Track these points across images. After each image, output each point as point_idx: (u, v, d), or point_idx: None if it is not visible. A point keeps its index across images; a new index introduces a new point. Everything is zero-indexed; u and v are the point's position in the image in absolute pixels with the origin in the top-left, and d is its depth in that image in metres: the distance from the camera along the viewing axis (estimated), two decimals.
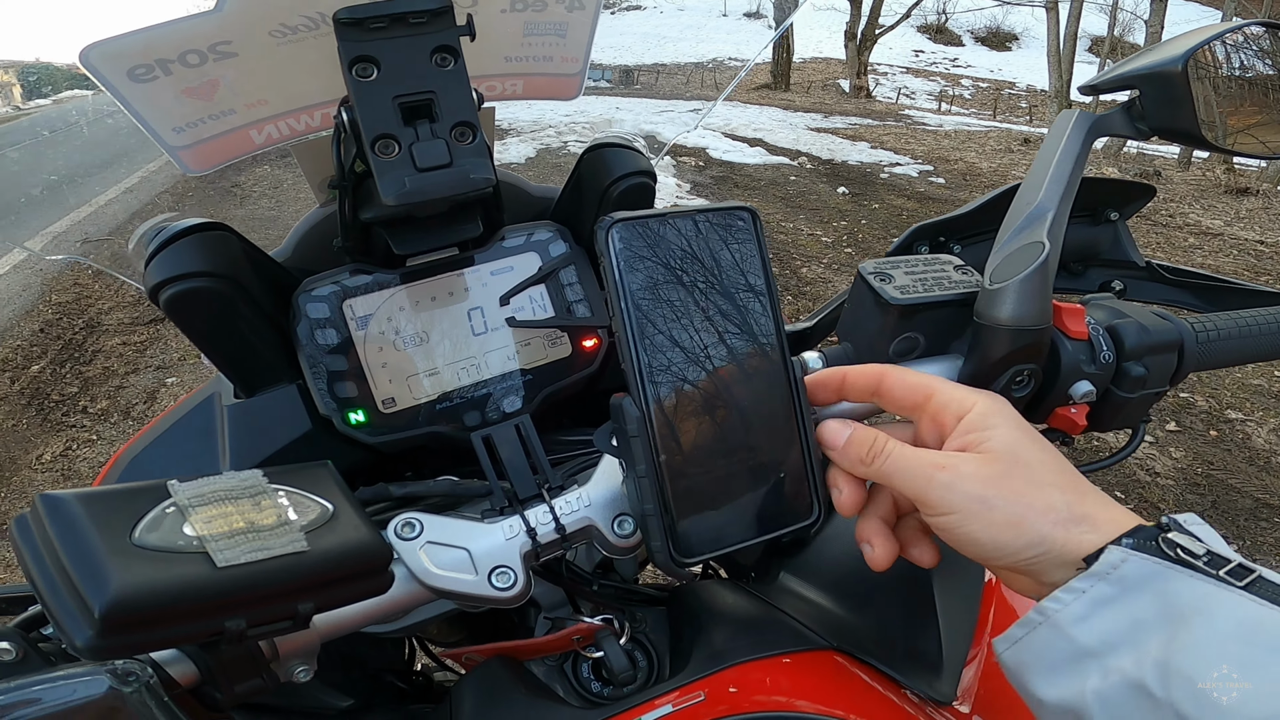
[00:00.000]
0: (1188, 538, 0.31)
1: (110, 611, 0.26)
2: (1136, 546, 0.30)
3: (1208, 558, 0.30)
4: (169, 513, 0.30)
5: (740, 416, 0.37)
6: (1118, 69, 0.50)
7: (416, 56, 0.43)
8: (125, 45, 0.44)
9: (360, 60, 0.43)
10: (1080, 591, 0.31)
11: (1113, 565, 0.30)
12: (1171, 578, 0.29)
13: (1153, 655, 0.28)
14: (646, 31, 28.12)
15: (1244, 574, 0.29)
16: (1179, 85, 0.46)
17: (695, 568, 0.79)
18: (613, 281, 0.36)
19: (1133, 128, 0.49)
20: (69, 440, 2.76)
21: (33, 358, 3.42)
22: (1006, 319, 0.41)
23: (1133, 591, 0.30)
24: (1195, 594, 0.29)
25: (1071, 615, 0.31)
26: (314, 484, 0.36)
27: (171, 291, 0.46)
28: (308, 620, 0.32)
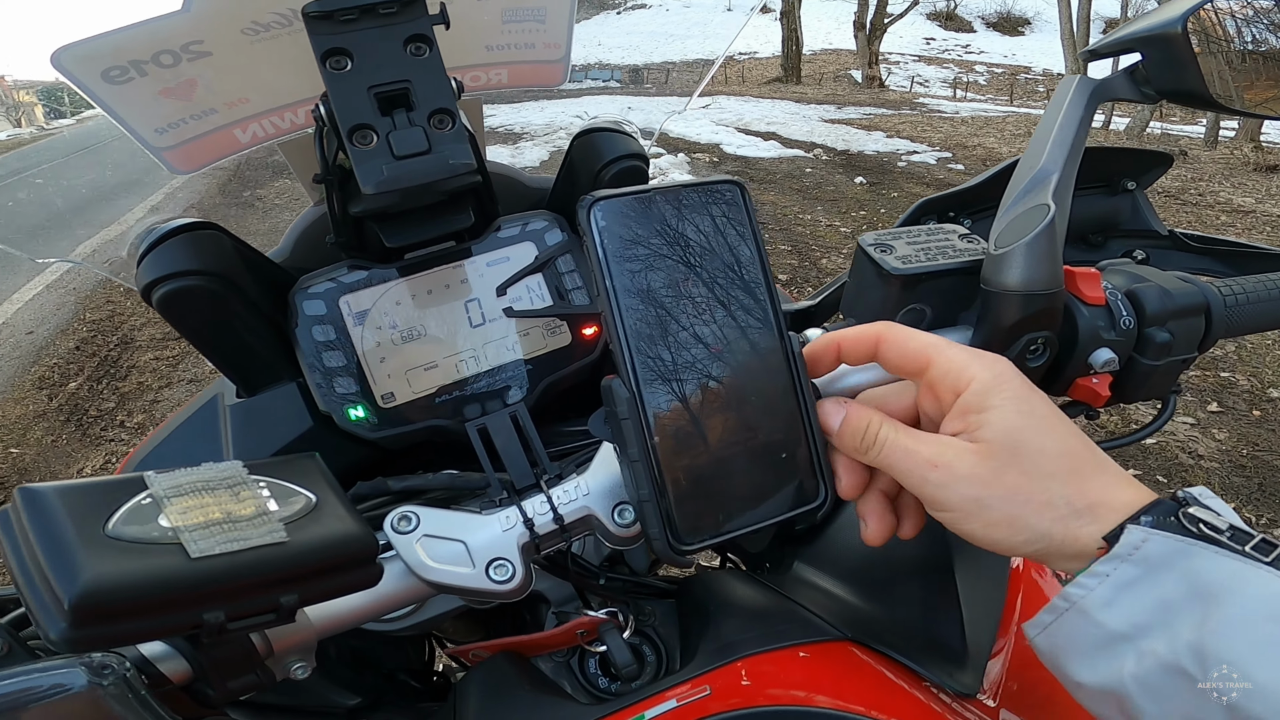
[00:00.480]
0: (1208, 512, 0.30)
1: (80, 602, 0.25)
2: (1157, 524, 0.29)
3: (1230, 533, 0.29)
4: (145, 504, 0.30)
5: (737, 395, 0.36)
6: (1117, 33, 0.48)
7: (390, 46, 0.43)
8: (96, 47, 0.44)
9: (333, 53, 0.42)
10: (1104, 575, 0.29)
11: (1134, 545, 0.29)
12: (1196, 555, 0.28)
13: (1185, 637, 0.27)
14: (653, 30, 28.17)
15: (1269, 549, 0.28)
16: (1180, 46, 0.44)
17: (703, 557, 0.77)
18: (596, 261, 0.35)
19: (1137, 91, 0.47)
20: (108, 454, 2.83)
21: (70, 375, 3.52)
22: (1015, 284, 0.39)
23: (1157, 571, 0.29)
24: (1222, 571, 0.28)
25: (1098, 600, 0.29)
26: (298, 475, 0.35)
27: (163, 290, 0.46)
28: (292, 613, 0.31)
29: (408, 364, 0.53)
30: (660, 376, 0.36)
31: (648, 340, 0.35)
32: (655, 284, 0.36)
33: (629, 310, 0.35)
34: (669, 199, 0.36)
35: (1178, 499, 0.31)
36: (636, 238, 0.36)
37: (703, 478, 0.36)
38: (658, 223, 0.36)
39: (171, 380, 3.42)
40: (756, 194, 6.38)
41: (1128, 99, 0.48)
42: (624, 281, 0.35)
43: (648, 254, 0.36)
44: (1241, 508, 2.34)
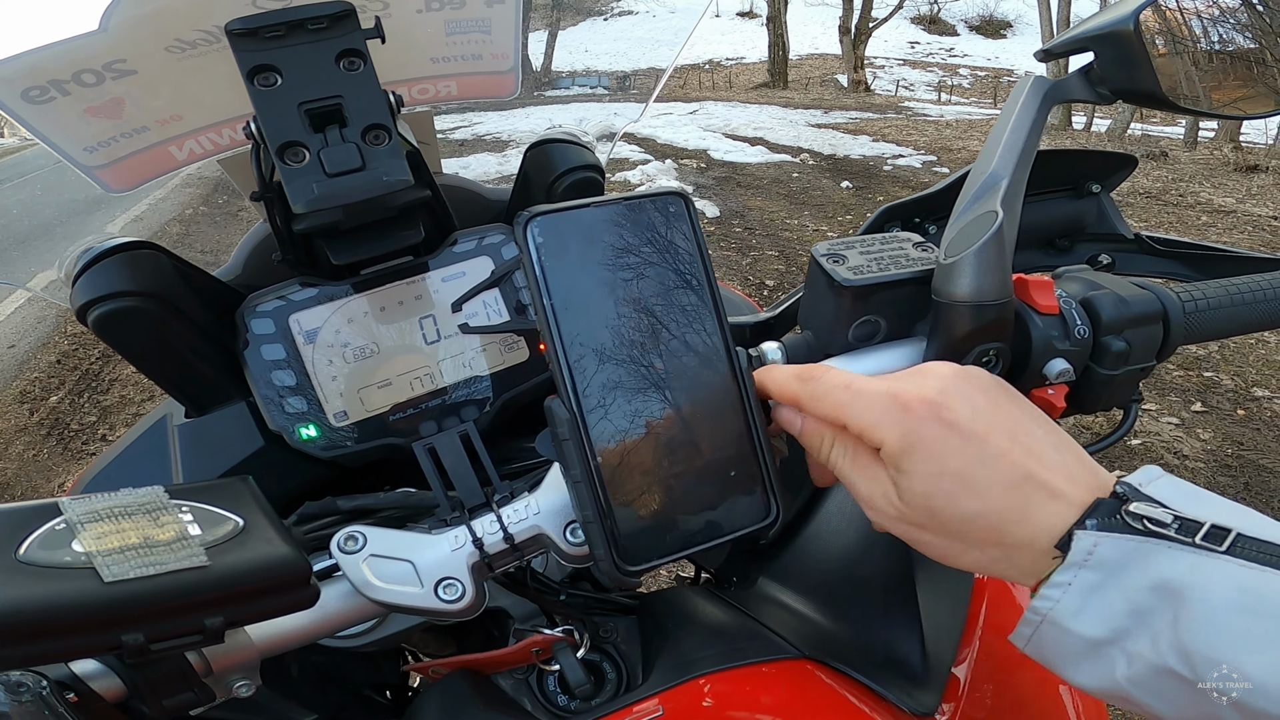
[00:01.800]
0: (1149, 505, 0.29)
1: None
2: (1103, 526, 0.29)
3: (1178, 525, 0.28)
4: (58, 530, 0.30)
5: (683, 413, 0.35)
6: (1071, 32, 0.48)
7: (320, 62, 0.42)
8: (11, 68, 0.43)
9: (260, 70, 0.42)
10: (1065, 585, 0.29)
11: (1087, 551, 0.29)
12: (1150, 553, 0.28)
13: (1166, 638, 0.27)
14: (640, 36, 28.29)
15: (1222, 536, 0.27)
16: (1132, 44, 0.44)
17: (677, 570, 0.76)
18: (533, 279, 0.34)
19: (1092, 92, 0.46)
20: None
21: (51, 389, 3.48)
22: (964, 294, 0.39)
23: (1118, 574, 0.28)
24: (1181, 566, 0.27)
25: (1066, 610, 0.29)
26: (227, 499, 0.35)
27: (99, 311, 0.45)
28: (220, 635, 0.31)
29: (361, 382, 0.52)
30: (603, 396, 0.35)
31: (589, 359, 0.35)
32: (596, 301, 0.35)
33: (569, 329, 0.34)
34: (610, 213, 0.36)
35: (1119, 495, 0.30)
36: (576, 254, 0.35)
37: (649, 497, 0.35)
38: (598, 238, 0.35)
39: (154, 393, 3.39)
40: (744, 199, 6.40)
41: (1082, 100, 0.47)
42: (562, 299, 0.35)
43: (588, 270, 0.35)
44: None
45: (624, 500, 0.35)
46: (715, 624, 0.49)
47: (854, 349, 0.43)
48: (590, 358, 0.35)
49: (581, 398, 0.34)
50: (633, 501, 0.35)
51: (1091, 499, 0.30)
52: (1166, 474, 0.31)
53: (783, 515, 0.37)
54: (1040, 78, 0.46)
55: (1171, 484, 0.30)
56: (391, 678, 0.72)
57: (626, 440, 0.35)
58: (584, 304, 0.35)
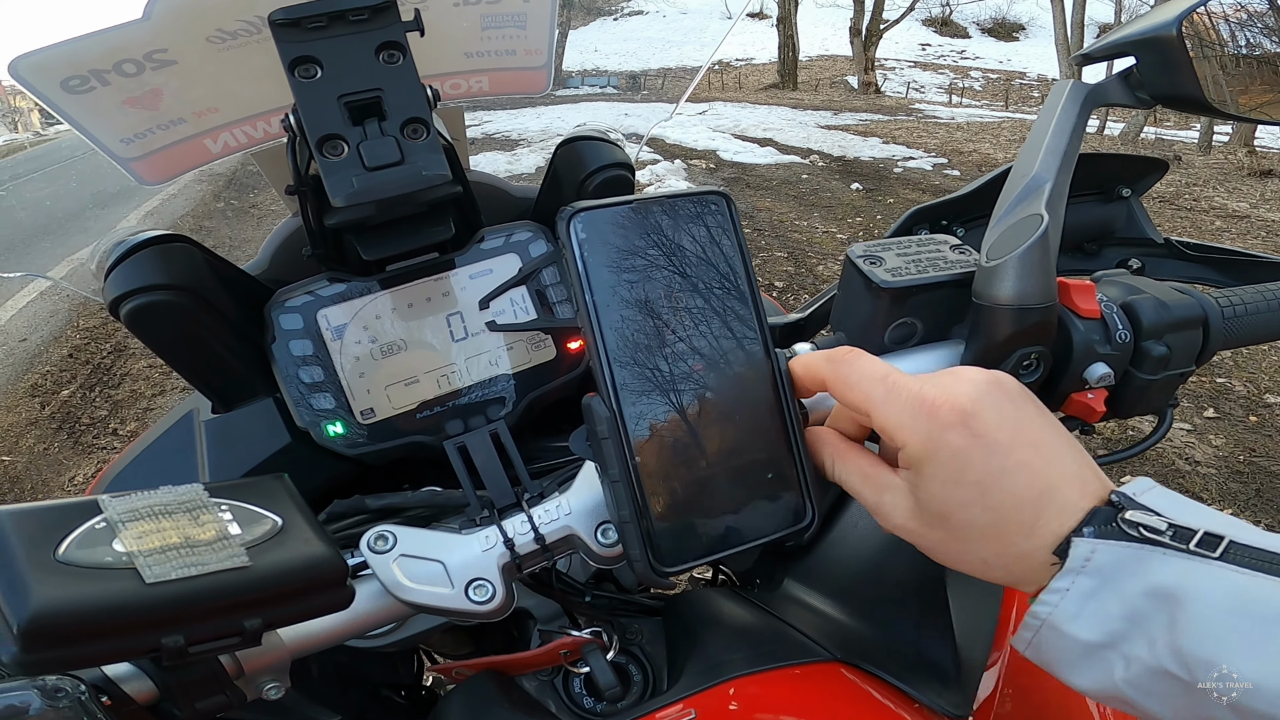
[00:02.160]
0: (1144, 513, 0.30)
1: (29, 627, 0.25)
2: (1099, 534, 0.30)
3: (1172, 532, 0.29)
4: (99, 529, 0.29)
5: (721, 414, 0.35)
6: (1111, 36, 0.47)
7: (361, 54, 0.42)
8: (54, 56, 0.43)
9: (301, 61, 0.41)
10: (1064, 590, 0.30)
11: (1084, 558, 0.30)
12: (1145, 558, 0.29)
13: (1162, 641, 0.28)
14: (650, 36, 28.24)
15: (1215, 543, 0.28)
16: (1175, 49, 0.43)
17: (692, 574, 0.76)
18: (575, 274, 0.34)
19: (1132, 96, 0.46)
20: (100, 462, 2.82)
21: (62, 382, 3.51)
22: (1007, 297, 0.38)
23: (1114, 579, 0.29)
24: (1175, 572, 0.28)
25: (1064, 615, 0.30)
26: (264, 498, 0.34)
27: (131, 305, 0.45)
28: (258, 637, 0.31)
29: (388, 379, 0.52)
30: (642, 394, 0.34)
31: (629, 357, 0.34)
32: (637, 298, 0.34)
33: (609, 326, 0.34)
34: (652, 210, 0.35)
35: (1114, 504, 0.31)
36: (618, 250, 0.35)
37: (686, 498, 0.35)
38: (640, 235, 0.35)
39: (165, 388, 3.40)
40: (753, 200, 6.38)
41: (1122, 104, 0.47)
42: (604, 296, 0.34)
43: (629, 267, 0.35)
44: (1240, 513, 2.33)
45: (661, 500, 0.34)
46: (743, 626, 0.49)
47: (890, 351, 0.43)
48: (630, 356, 0.34)
49: (620, 397, 0.34)
50: (668, 502, 0.35)
51: (1090, 507, 0.31)
52: (1159, 485, 0.32)
53: (818, 519, 0.37)
54: (1079, 82, 0.46)
55: (1164, 494, 0.31)
56: (406, 678, 0.72)
57: (665, 440, 0.34)
58: (624, 301, 0.34)
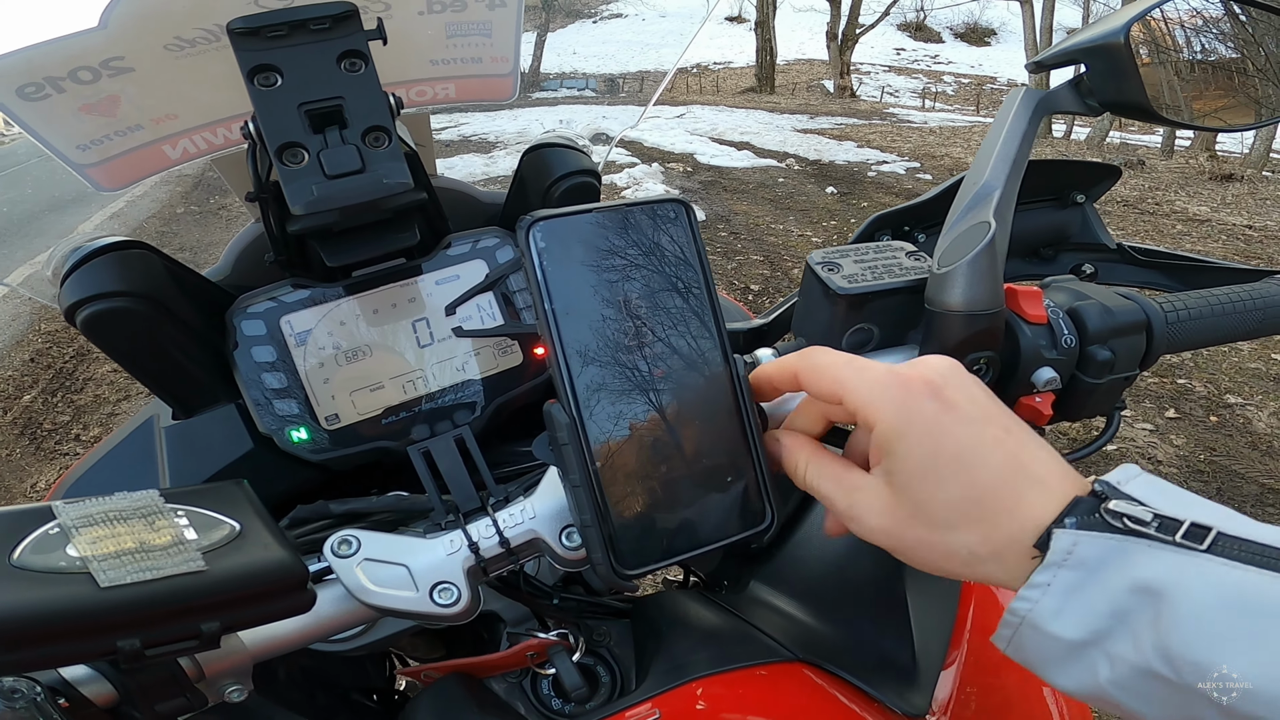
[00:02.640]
0: (1128, 503, 0.29)
1: None
2: (1082, 525, 0.29)
3: (1158, 523, 0.28)
4: (53, 534, 0.29)
5: (681, 419, 0.36)
6: (1063, 44, 0.48)
7: (322, 63, 0.42)
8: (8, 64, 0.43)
9: (260, 69, 0.41)
10: (1045, 585, 0.29)
11: (1066, 551, 0.29)
12: (1131, 551, 0.28)
13: (1148, 639, 0.27)
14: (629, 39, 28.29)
15: (1202, 535, 0.27)
16: (1122, 57, 0.44)
17: (666, 573, 0.77)
18: (534, 283, 0.35)
19: (1081, 103, 0.47)
20: (62, 468, 2.77)
21: (24, 387, 3.42)
22: (956, 303, 0.39)
23: (1098, 573, 0.28)
24: (1161, 565, 0.27)
25: (1046, 612, 0.29)
26: (223, 503, 0.34)
27: (88, 312, 0.44)
28: (216, 640, 0.31)
29: (353, 385, 0.52)
30: (601, 400, 0.35)
31: (589, 364, 0.35)
32: (596, 306, 0.35)
33: (569, 333, 0.35)
34: (611, 219, 0.36)
35: (1097, 493, 0.30)
36: (577, 259, 0.35)
37: (646, 502, 0.35)
38: (599, 243, 0.35)
39: (130, 393, 3.33)
40: (730, 203, 6.42)
41: (1072, 111, 0.48)
42: (564, 304, 0.35)
43: (588, 276, 0.35)
44: None
45: (621, 504, 0.35)
46: (709, 627, 0.50)
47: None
48: (590, 363, 0.35)
49: (581, 402, 0.34)
50: (630, 506, 0.35)
51: (1071, 496, 0.30)
52: (1144, 472, 0.31)
53: (778, 521, 0.38)
54: (1031, 89, 0.47)
55: (1149, 482, 0.30)
56: (377, 681, 0.72)
57: (625, 445, 0.35)
58: (584, 309, 0.35)
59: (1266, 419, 2.89)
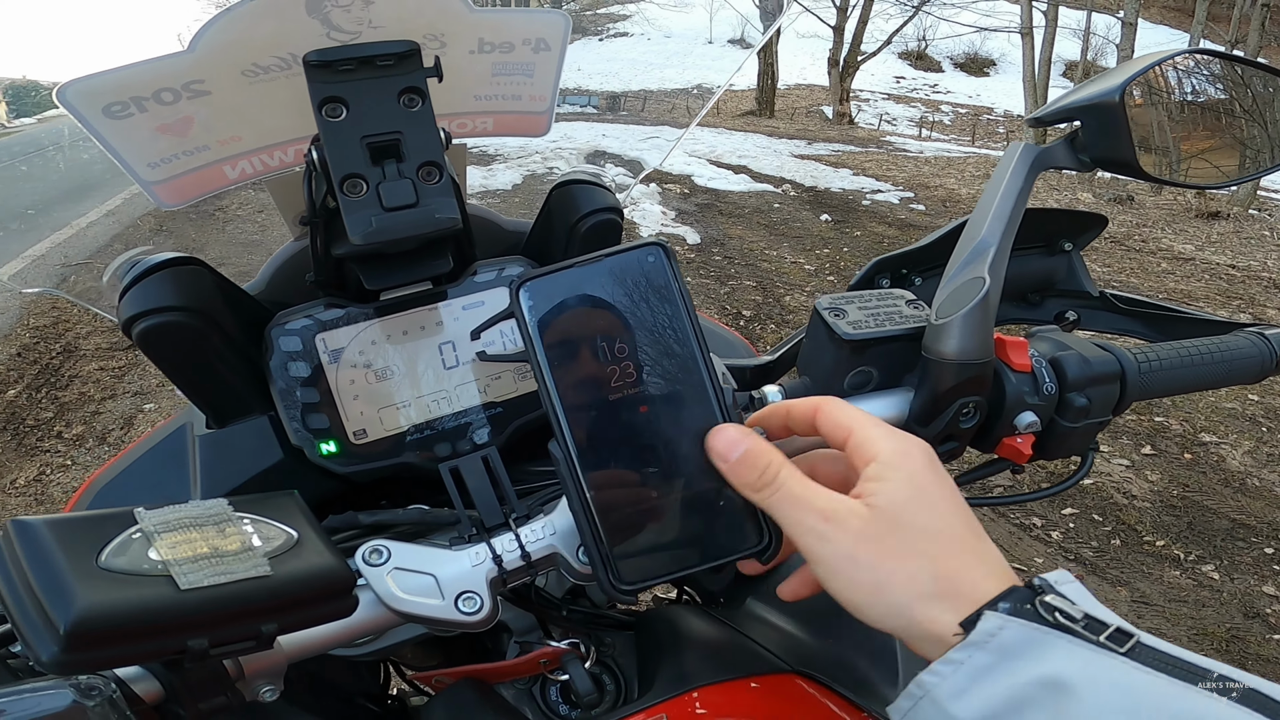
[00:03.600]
0: (1063, 600, 0.30)
1: (74, 628, 0.27)
2: (1013, 611, 0.30)
3: (1085, 621, 0.29)
4: (135, 538, 0.31)
5: (670, 450, 0.39)
6: (1060, 101, 0.51)
7: (384, 98, 0.45)
8: (101, 83, 0.45)
9: (329, 101, 0.44)
10: (959, 663, 0.29)
11: (990, 633, 0.29)
12: (1050, 644, 0.28)
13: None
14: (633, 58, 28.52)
15: (1124, 639, 0.28)
16: (1116, 116, 0.46)
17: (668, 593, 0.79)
18: (526, 338, 0.38)
19: (1075, 159, 0.49)
20: (43, 465, 2.74)
21: (8, 383, 3.39)
22: (951, 353, 0.43)
23: (1010, 660, 0.28)
24: (1075, 662, 0.28)
25: (950, 690, 0.29)
26: (279, 512, 0.37)
27: (145, 325, 0.47)
28: (271, 641, 0.33)
29: (380, 402, 0.55)
30: (595, 437, 0.38)
31: (580, 405, 0.38)
32: (585, 353, 0.38)
33: (561, 381, 0.38)
34: (593, 271, 0.39)
35: (1033, 587, 0.31)
36: (565, 311, 0.38)
37: (640, 525, 0.38)
38: (584, 294, 0.39)
39: (116, 392, 3.31)
40: (725, 227, 6.48)
41: (1067, 167, 0.50)
42: (555, 354, 0.38)
43: (576, 326, 0.38)
44: (1171, 545, 2.45)
45: (618, 527, 0.38)
46: (710, 640, 0.53)
47: (848, 395, 0.47)
48: (581, 404, 0.38)
49: (573, 440, 0.38)
50: (626, 528, 0.38)
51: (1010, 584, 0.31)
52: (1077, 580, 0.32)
53: (775, 542, 0.41)
54: (1029, 145, 0.49)
55: (1081, 591, 0.31)
56: (372, 687, 0.74)
57: (617, 475, 0.38)
58: (574, 356, 0.38)
59: (1240, 457, 2.95)
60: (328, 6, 0.46)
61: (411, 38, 0.45)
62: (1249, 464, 2.91)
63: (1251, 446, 3.03)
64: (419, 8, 0.49)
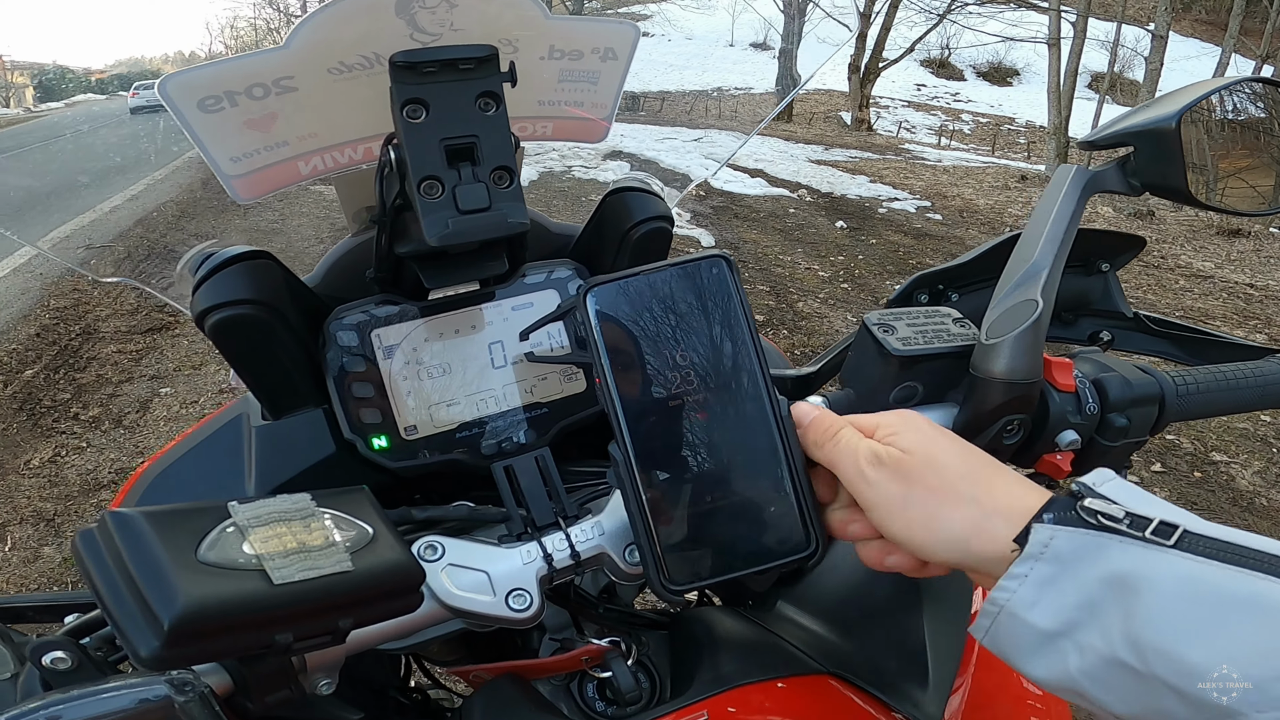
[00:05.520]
0: (1103, 501, 0.31)
1: (178, 624, 0.28)
2: (1058, 520, 0.31)
3: (1129, 520, 0.30)
4: (229, 532, 0.32)
5: (724, 456, 0.40)
6: (1114, 125, 0.51)
7: (462, 101, 0.46)
8: (199, 77, 0.47)
9: (412, 102, 0.45)
10: (1022, 576, 0.31)
11: (1043, 544, 0.31)
12: (1103, 546, 0.30)
13: (1117, 630, 0.28)
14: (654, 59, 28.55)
15: (1169, 531, 0.29)
16: (1172, 143, 0.47)
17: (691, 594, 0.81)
18: (592, 341, 0.39)
19: (1126, 184, 0.50)
20: (58, 446, 2.76)
21: (27, 362, 3.43)
22: (1000, 373, 0.44)
23: (1071, 566, 0.30)
24: (1131, 560, 0.29)
25: (1022, 602, 0.31)
26: (354, 507, 0.38)
27: (217, 318, 0.49)
28: (345, 635, 0.34)
29: (431, 399, 0.56)
30: (653, 441, 0.40)
31: (640, 410, 0.40)
32: (647, 358, 0.40)
33: (623, 384, 0.39)
34: (659, 279, 0.40)
35: (1074, 493, 0.32)
36: (629, 317, 0.40)
37: (693, 528, 0.40)
38: (649, 302, 0.40)
39: (133, 375, 3.34)
40: (740, 231, 6.47)
41: (1117, 191, 0.51)
42: (618, 357, 0.40)
43: (640, 331, 0.40)
44: None
45: (670, 529, 0.40)
46: (746, 641, 0.54)
47: (893, 409, 0.48)
48: (641, 408, 0.40)
49: (633, 444, 0.39)
50: (679, 530, 0.40)
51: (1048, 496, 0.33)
52: (1117, 476, 0.33)
53: (823, 548, 0.42)
54: (1081, 168, 0.50)
55: (1122, 486, 0.32)
56: (393, 680, 0.75)
57: (674, 478, 0.40)
58: (637, 361, 0.40)
59: (1250, 477, 2.93)
60: (415, 8, 0.47)
61: (488, 42, 0.46)
62: (1258, 484, 2.89)
63: (1262, 466, 3.01)
64: (499, 12, 0.50)
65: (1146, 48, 10.35)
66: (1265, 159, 0.64)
